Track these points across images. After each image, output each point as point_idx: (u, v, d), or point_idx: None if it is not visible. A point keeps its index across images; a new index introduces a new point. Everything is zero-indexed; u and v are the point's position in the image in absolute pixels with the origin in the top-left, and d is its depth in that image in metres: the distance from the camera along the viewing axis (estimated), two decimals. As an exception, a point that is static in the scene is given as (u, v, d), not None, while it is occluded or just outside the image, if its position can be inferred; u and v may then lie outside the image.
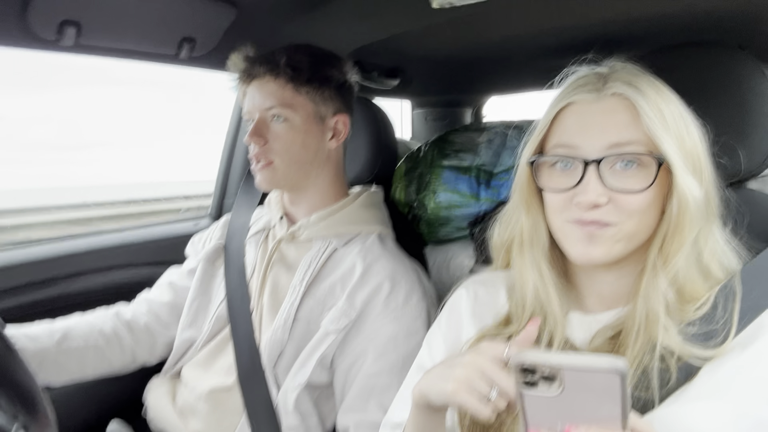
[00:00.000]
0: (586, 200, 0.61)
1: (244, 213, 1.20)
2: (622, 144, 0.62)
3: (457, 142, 1.26)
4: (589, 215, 0.62)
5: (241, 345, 1.00)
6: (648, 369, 0.60)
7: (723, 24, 0.97)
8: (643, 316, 0.61)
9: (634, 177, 0.61)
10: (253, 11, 1.03)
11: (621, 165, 0.62)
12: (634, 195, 0.61)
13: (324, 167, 1.06)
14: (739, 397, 0.55)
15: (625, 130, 0.62)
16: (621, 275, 0.67)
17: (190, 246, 1.23)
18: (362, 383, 0.94)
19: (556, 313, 0.67)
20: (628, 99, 0.63)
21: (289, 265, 1.05)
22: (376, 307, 0.95)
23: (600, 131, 0.62)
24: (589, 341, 0.66)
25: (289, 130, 1.00)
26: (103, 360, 1.03)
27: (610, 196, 0.61)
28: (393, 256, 1.01)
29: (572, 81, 0.67)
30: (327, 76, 1.02)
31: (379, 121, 1.26)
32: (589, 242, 0.62)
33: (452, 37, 1.20)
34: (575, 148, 0.63)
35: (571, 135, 0.64)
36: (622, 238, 0.62)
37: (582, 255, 0.63)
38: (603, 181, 0.61)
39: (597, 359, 0.43)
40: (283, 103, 0.99)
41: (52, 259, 1.27)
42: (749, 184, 0.82)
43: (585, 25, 1.06)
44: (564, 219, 0.64)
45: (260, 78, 1.00)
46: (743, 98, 0.77)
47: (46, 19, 0.89)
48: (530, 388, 0.45)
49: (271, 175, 1.01)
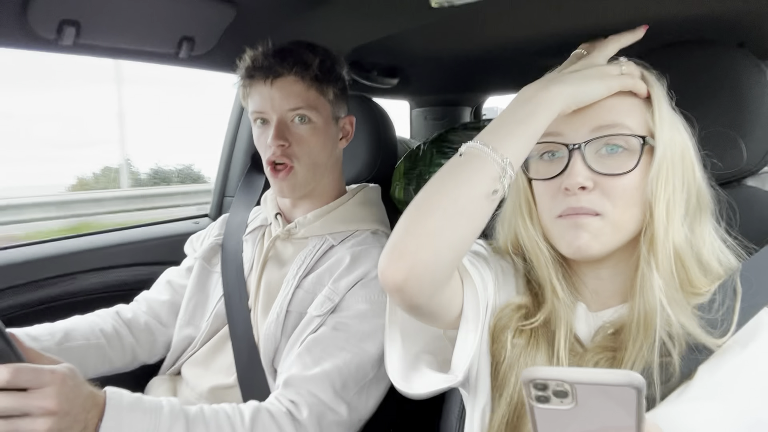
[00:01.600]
0: (571, 183, 0.61)
1: (241, 211, 1.20)
2: (605, 127, 0.62)
3: (456, 140, 1.27)
4: (576, 201, 0.62)
5: (240, 343, 1.00)
6: (649, 364, 0.60)
7: (723, 22, 0.97)
8: (642, 312, 0.61)
9: (618, 160, 0.62)
10: (252, 10, 1.03)
11: (606, 150, 0.63)
12: (619, 178, 0.62)
13: (333, 169, 1.07)
14: (740, 396, 0.55)
15: (609, 113, 0.63)
16: (615, 272, 0.67)
17: (188, 244, 1.23)
18: (312, 340, 0.92)
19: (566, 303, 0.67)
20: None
21: (284, 262, 1.05)
22: (357, 289, 0.95)
23: (583, 116, 0.63)
24: (591, 337, 0.67)
25: (312, 132, 0.98)
26: (104, 359, 1.03)
27: (596, 181, 0.62)
28: (383, 248, 1.01)
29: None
30: (341, 77, 1.03)
31: (379, 120, 1.27)
32: (576, 231, 0.62)
33: (451, 36, 1.20)
34: (560, 136, 0.64)
35: (557, 123, 0.64)
36: (609, 228, 0.62)
37: (572, 246, 0.63)
38: (588, 165, 0.62)
39: (612, 373, 0.42)
40: (309, 104, 0.97)
41: (53, 258, 1.27)
42: (748, 181, 0.83)
43: (584, 24, 1.06)
44: (553, 214, 0.65)
45: (286, 76, 0.97)
46: (742, 96, 0.78)
47: (46, 19, 0.89)
48: (542, 403, 0.43)
49: (294, 181, 1.00)
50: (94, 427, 0.69)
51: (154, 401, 0.77)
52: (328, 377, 0.86)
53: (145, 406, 0.75)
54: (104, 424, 0.70)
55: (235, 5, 1.00)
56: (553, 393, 0.42)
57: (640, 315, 0.62)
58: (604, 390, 0.41)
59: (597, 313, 0.68)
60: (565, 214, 0.63)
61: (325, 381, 0.86)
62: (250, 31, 1.08)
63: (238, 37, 1.06)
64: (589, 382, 0.42)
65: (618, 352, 0.63)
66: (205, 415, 0.79)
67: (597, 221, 0.62)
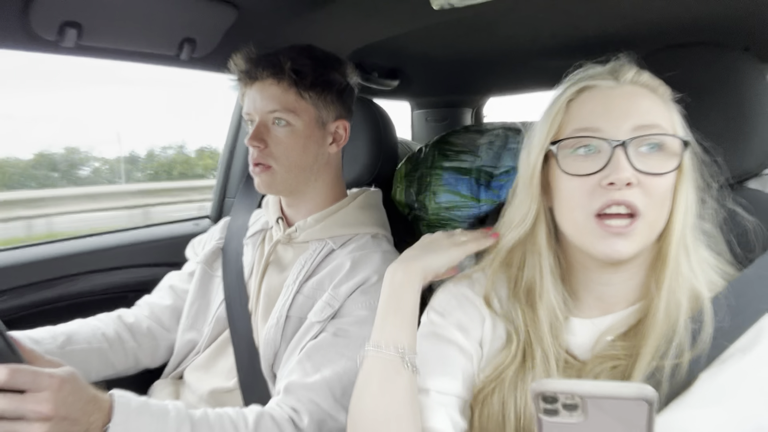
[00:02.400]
0: (619, 177, 0.60)
1: (242, 215, 1.19)
2: (646, 126, 0.62)
3: (457, 143, 1.27)
4: (618, 196, 0.60)
5: (241, 346, 1.00)
6: (660, 367, 0.60)
7: (727, 25, 0.97)
8: (666, 309, 0.62)
9: (658, 159, 0.62)
10: (253, 12, 1.03)
11: (646, 148, 0.62)
12: (660, 177, 0.61)
13: (323, 171, 1.06)
14: (742, 402, 0.56)
15: (647, 114, 0.63)
16: (630, 276, 0.67)
17: (190, 248, 1.23)
18: (313, 346, 0.92)
19: (557, 316, 0.67)
20: (645, 87, 0.65)
21: (284, 266, 1.05)
22: (357, 295, 0.95)
23: (624, 114, 0.63)
24: (591, 348, 0.66)
25: (290, 135, 0.99)
26: (107, 363, 1.03)
27: (639, 179, 0.61)
28: (383, 253, 1.01)
29: (584, 70, 0.68)
30: (330, 81, 1.01)
31: (380, 122, 1.26)
32: (616, 238, 0.61)
33: (452, 38, 1.20)
34: (599, 131, 0.63)
35: (594, 118, 0.63)
36: (645, 228, 0.62)
37: (611, 250, 0.62)
38: (631, 163, 0.61)
39: (624, 386, 0.40)
40: (286, 107, 0.98)
41: (54, 259, 1.27)
42: (750, 184, 0.83)
43: (586, 25, 1.06)
44: (589, 212, 0.62)
45: (263, 80, 0.98)
46: (744, 99, 0.78)
47: (47, 21, 0.88)
48: (550, 416, 0.42)
49: (270, 180, 1.01)
50: (99, 430, 0.69)
51: (161, 405, 0.77)
52: (328, 385, 0.86)
53: (152, 410, 0.75)
54: (112, 427, 0.69)
55: (236, 7, 1.00)
56: (562, 406, 0.42)
57: (664, 311, 0.62)
58: (615, 403, 0.41)
59: (595, 320, 0.67)
60: (605, 207, 0.61)
61: (325, 388, 0.86)
62: (251, 33, 1.08)
63: (239, 39, 1.06)
64: (600, 395, 0.41)
65: (621, 360, 0.63)
66: (209, 419, 0.79)
67: (637, 224, 0.61)
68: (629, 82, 0.65)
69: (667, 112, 0.65)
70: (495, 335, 0.72)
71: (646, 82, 0.66)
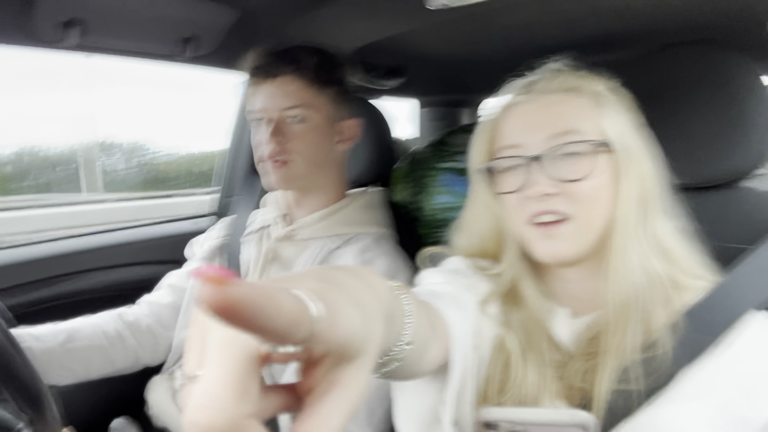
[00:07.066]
0: (534, 191, 0.63)
1: (243, 213, 1.20)
2: (561, 134, 0.63)
3: (455, 143, 1.27)
4: (542, 205, 0.63)
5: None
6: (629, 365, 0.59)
7: (722, 24, 0.97)
8: (617, 304, 0.62)
9: (577, 165, 0.63)
10: (256, 10, 1.04)
11: (563, 155, 0.63)
12: (580, 183, 0.62)
13: (332, 169, 1.07)
14: (720, 396, 0.56)
15: (560, 121, 0.64)
16: (586, 276, 0.67)
17: (188, 248, 1.24)
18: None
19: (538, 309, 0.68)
20: (567, 92, 0.65)
21: (285, 264, 1.05)
22: None
23: (538, 127, 0.65)
24: (574, 343, 0.66)
25: (308, 131, 0.99)
26: (107, 361, 1.03)
27: (559, 186, 0.63)
28: (389, 256, 1.01)
29: (506, 87, 0.71)
30: (344, 79, 1.03)
31: (379, 122, 1.27)
32: (548, 240, 0.64)
33: (455, 36, 1.20)
34: (519, 147, 0.66)
35: (513, 135, 0.66)
36: (579, 230, 0.63)
37: (547, 252, 0.64)
38: (548, 174, 0.63)
39: (561, 413, 0.43)
40: (306, 103, 0.98)
41: (54, 257, 1.27)
42: (743, 183, 0.83)
43: (585, 25, 1.06)
44: (522, 220, 0.66)
45: (284, 76, 0.98)
46: (736, 99, 0.78)
47: (50, 19, 0.89)
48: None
49: (288, 174, 1.00)
50: None
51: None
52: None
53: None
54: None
55: (239, 5, 1.01)
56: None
57: (616, 307, 0.62)
58: (554, 430, 0.43)
59: (579, 318, 0.68)
60: (534, 216, 0.64)
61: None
62: (254, 31, 1.09)
63: (242, 37, 1.06)
64: (538, 422, 0.43)
65: (598, 357, 0.63)
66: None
67: (566, 226, 0.63)
68: (546, 91, 0.66)
69: (595, 109, 0.65)
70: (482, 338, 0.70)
71: (569, 86, 0.66)
